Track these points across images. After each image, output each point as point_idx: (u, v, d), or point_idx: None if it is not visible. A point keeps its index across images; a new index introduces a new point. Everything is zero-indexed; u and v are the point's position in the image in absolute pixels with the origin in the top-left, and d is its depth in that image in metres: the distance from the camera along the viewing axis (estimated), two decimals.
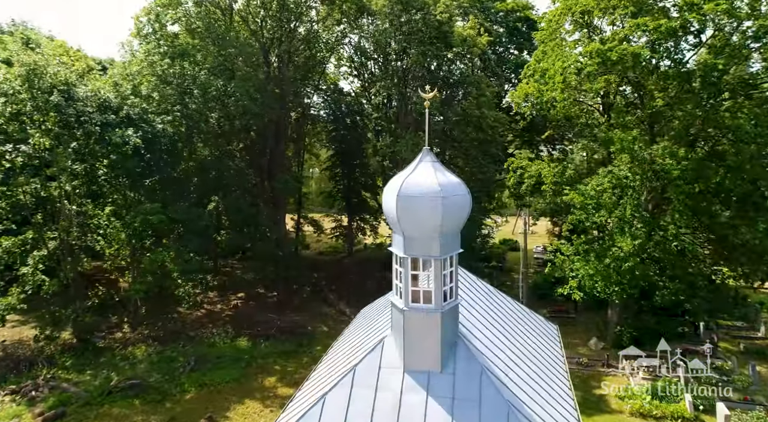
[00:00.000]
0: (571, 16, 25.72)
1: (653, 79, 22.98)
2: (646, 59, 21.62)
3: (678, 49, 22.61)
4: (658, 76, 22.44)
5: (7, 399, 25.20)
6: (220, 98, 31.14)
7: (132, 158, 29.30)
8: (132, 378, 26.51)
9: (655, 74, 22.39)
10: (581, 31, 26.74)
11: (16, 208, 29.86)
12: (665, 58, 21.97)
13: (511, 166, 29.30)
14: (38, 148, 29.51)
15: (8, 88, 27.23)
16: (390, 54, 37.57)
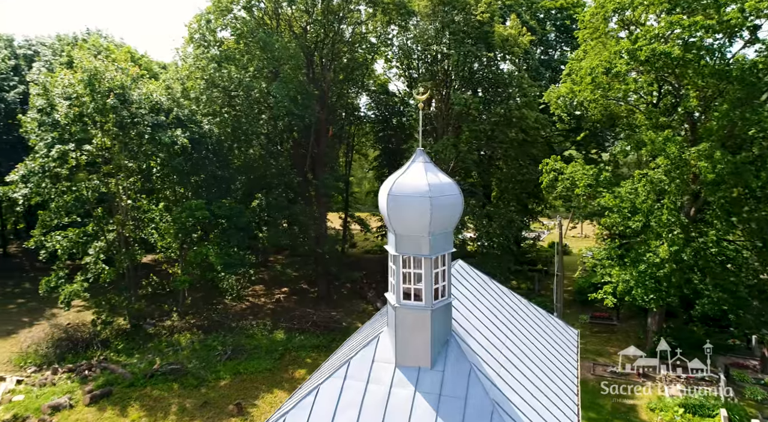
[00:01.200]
0: (605, 14, 24.96)
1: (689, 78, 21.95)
2: (678, 58, 20.69)
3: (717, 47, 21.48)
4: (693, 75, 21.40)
5: (64, 376, 27.59)
6: (263, 100, 32.54)
7: (179, 157, 31.18)
8: (173, 363, 28.29)
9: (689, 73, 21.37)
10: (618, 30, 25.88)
11: (79, 202, 32.40)
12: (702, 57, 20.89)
13: (545, 168, 28.79)
14: (100, 147, 32.05)
15: (72, 91, 29.74)
16: (431, 54, 37.77)
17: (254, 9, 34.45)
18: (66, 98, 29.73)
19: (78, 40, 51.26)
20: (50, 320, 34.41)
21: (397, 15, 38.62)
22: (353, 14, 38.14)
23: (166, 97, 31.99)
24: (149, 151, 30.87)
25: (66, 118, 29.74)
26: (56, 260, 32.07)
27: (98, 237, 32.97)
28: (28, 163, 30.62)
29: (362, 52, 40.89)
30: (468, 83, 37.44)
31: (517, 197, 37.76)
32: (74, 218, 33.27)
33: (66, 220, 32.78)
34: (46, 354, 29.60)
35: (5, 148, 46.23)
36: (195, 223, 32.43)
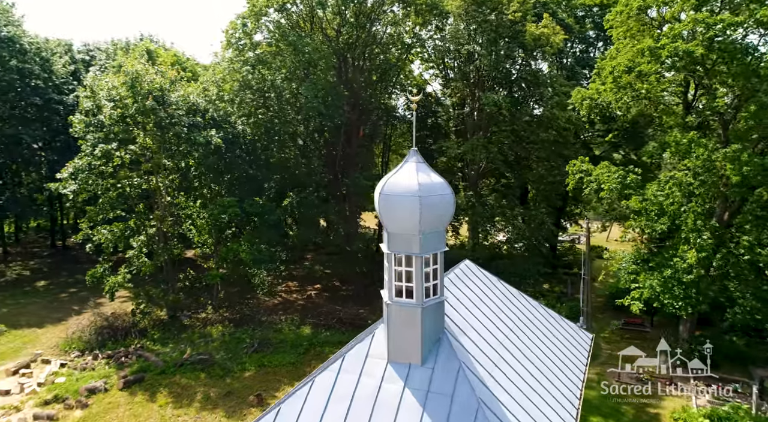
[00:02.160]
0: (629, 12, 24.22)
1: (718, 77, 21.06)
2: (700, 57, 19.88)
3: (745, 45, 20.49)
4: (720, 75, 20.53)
5: (103, 362, 29.35)
6: (294, 101, 33.47)
7: (213, 156, 32.50)
8: (202, 353, 29.58)
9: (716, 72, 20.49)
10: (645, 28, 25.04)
11: (122, 199, 34.30)
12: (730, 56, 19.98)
13: (572, 169, 28.24)
14: (143, 146, 33.82)
15: (115, 94, 31.55)
16: (463, 54, 37.71)
17: (287, 12, 35.37)
18: (110, 100, 31.55)
19: (130, 44, 54.05)
20: (96, 309, 36.54)
21: (431, 16, 38.80)
22: (386, 15, 38.55)
23: (202, 98, 33.41)
24: (185, 150, 32.32)
25: (109, 119, 31.56)
26: (102, 253, 34.13)
27: (140, 232, 34.78)
28: (76, 161, 32.69)
29: (395, 53, 41.28)
30: (500, 83, 37.16)
31: (548, 199, 37.12)
32: (119, 213, 35.19)
33: (111, 215, 34.76)
34: (88, 340, 31.53)
35: (63, 147, 49.36)
36: (229, 220, 33.76)
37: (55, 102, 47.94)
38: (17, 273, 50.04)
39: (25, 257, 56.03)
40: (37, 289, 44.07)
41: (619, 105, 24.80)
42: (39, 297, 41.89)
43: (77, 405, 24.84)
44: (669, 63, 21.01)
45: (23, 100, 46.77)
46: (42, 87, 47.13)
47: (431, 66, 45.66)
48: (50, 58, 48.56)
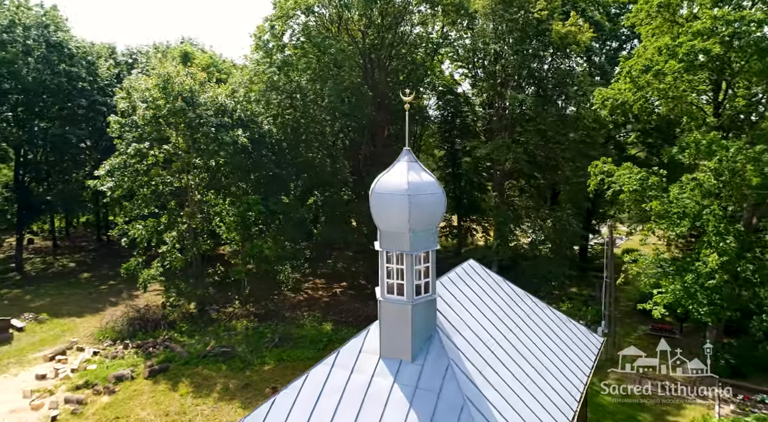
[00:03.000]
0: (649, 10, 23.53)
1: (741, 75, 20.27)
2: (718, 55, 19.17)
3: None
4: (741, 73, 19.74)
5: (132, 351, 30.75)
6: (317, 101, 34.14)
7: (240, 155, 33.50)
8: (224, 346, 30.58)
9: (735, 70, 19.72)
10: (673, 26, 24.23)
11: (155, 196, 35.77)
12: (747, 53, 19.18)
13: (593, 171, 27.70)
14: (175, 146, 35.19)
15: (148, 95, 32.96)
16: (490, 54, 37.50)
17: (314, 14, 36.07)
18: (143, 101, 32.99)
19: (170, 48, 56.13)
20: (129, 301, 38.27)
21: (457, 15, 38.75)
22: (412, 16, 38.74)
23: (230, 99, 34.48)
24: (213, 149, 33.43)
25: (142, 119, 33.01)
26: (136, 247, 35.75)
27: (172, 228, 36.19)
28: (112, 159, 34.33)
29: (422, 53, 41.41)
30: (526, 82, 36.78)
31: (574, 200, 36.46)
32: (153, 210, 36.74)
33: (146, 211, 36.33)
34: (120, 330, 33.08)
35: (108, 146, 51.73)
36: (257, 218, 34.73)
37: (99, 103, 50.30)
38: (63, 265, 52.83)
39: (72, 250, 58.97)
40: (80, 281, 46.42)
41: (638, 105, 24.17)
42: (81, 288, 44.12)
43: (105, 391, 26.16)
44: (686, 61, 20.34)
45: (71, 101, 49.28)
46: (88, 89, 49.54)
47: (461, 65, 45.55)
48: (95, 62, 50.98)
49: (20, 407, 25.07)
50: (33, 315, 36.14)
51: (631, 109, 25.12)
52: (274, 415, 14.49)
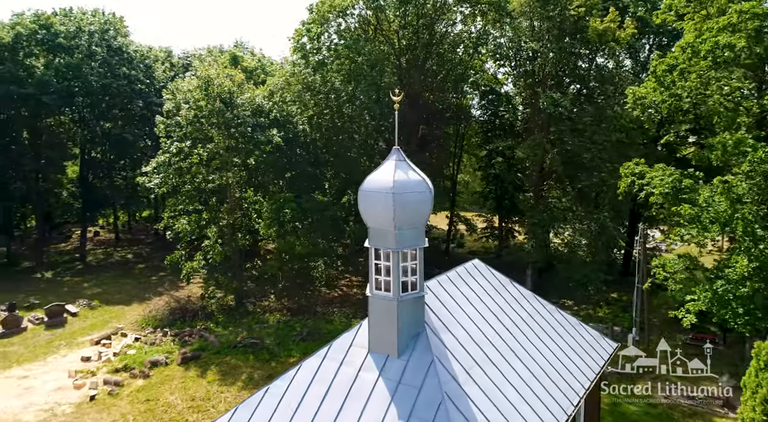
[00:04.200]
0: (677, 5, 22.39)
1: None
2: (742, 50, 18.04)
3: None
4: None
5: (169, 339, 32.49)
6: (351, 102, 34.81)
7: (274, 154, 34.66)
8: (254, 337, 31.75)
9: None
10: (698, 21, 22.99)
11: (197, 192, 37.58)
12: None
13: (624, 172, 26.72)
14: (218, 145, 36.83)
15: (191, 96, 34.69)
16: (526, 52, 36.92)
17: (349, 16, 36.75)
18: (185, 102, 34.75)
19: (222, 51, 58.59)
20: (175, 292, 40.37)
21: (495, 14, 38.37)
22: (448, 16, 38.68)
23: (267, 100, 35.73)
24: (249, 148, 34.75)
25: (185, 119, 34.77)
26: (180, 241, 37.75)
27: (213, 224, 37.90)
28: (158, 157, 36.38)
29: (460, 53, 41.27)
30: (562, 81, 35.95)
31: (613, 203, 35.20)
32: (196, 206, 38.62)
33: (190, 207, 38.26)
34: (161, 319, 35.03)
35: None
36: (293, 215, 35.79)
37: (155, 105, 53.19)
38: (122, 256, 56.31)
39: (131, 243, 62.63)
40: (134, 271, 49.35)
41: (666, 105, 23.11)
42: (134, 278, 46.92)
43: (140, 375, 27.86)
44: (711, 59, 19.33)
45: (130, 103, 52.48)
46: (145, 91, 52.57)
47: (501, 64, 45.02)
48: (152, 65, 53.99)
49: (64, 385, 27.14)
50: (86, 302, 38.84)
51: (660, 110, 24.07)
52: (267, 402, 15.14)
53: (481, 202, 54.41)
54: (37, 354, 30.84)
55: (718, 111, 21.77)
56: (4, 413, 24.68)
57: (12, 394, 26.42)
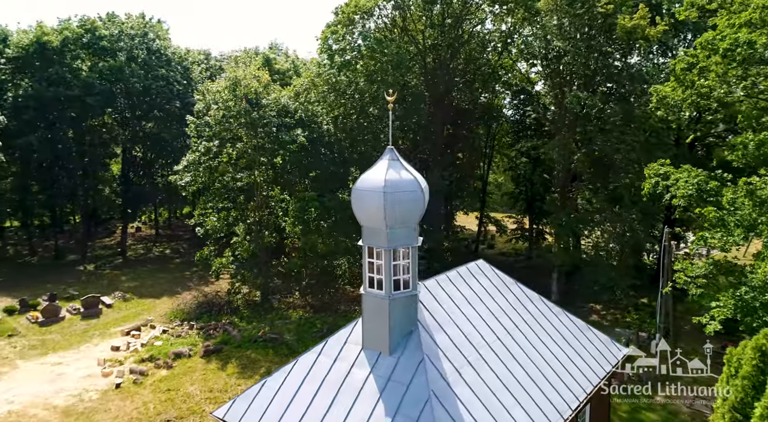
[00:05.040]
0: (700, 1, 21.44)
1: None
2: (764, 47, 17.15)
3: None
4: None
5: (194, 332, 33.56)
6: (375, 101, 35.06)
7: (298, 153, 35.27)
8: (275, 333, 32.42)
9: None
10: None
11: (226, 190, 38.62)
12: None
13: (648, 173, 25.89)
14: (247, 144, 37.77)
15: (219, 97, 35.71)
16: (553, 51, 36.25)
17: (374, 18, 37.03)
18: (214, 103, 35.80)
19: (258, 53, 59.94)
20: (205, 286, 41.62)
21: (524, 12, 37.89)
22: (475, 15, 38.40)
23: (292, 100, 36.40)
24: (273, 148, 35.48)
25: (214, 119, 35.81)
26: (209, 237, 38.90)
27: (241, 221, 38.90)
28: (188, 156, 37.61)
29: (489, 52, 40.95)
30: (590, 80, 35.13)
31: (641, 205, 34.13)
32: (226, 204, 39.71)
33: (219, 205, 39.38)
34: (189, 312, 36.21)
35: None
36: (317, 214, 36.33)
37: (192, 105, 54.76)
38: (160, 251, 58.36)
39: (170, 239, 64.82)
40: (169, 266, 51.16)
41: (687, 104, 22.25)
42: (169, 273, 48.62)
43: (164, 366, 28.92)
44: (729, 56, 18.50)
45: (168, 103, 54.36)
46: (182, 92, 54.35)
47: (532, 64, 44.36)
48: (189, 67, 55.77)
49: (93, 373, 28.47)
50: (121, 294, 40.53)
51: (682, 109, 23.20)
52: (263, 395, 15.56)
53: (512, 203, 53.72)
54: (71, 343, 32.45)
55: (739, 110, 20.84)
56: (36, 397, 26.12)
57: (46, 379, 27.92)
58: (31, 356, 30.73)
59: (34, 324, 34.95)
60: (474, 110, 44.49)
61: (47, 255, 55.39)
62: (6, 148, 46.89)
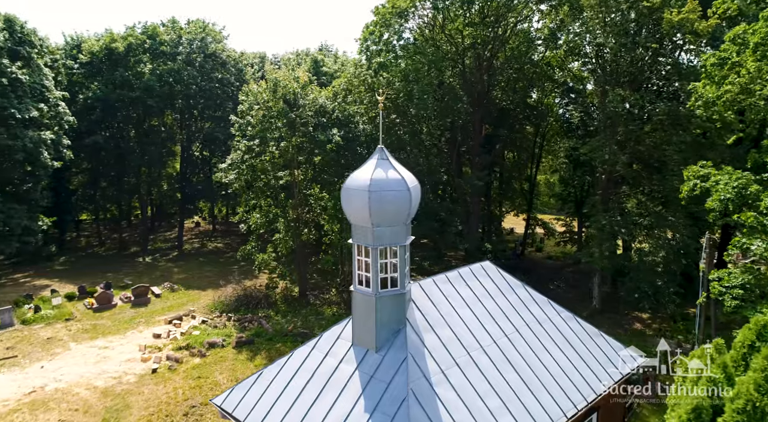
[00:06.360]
0: None
1: None
2: None
3: None
4: None
5: (231, 324, 34.89)
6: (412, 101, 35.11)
7: (336, 152, 35.90)
8: (304, 328, 33.17)
9: None
10: None
11: (267, 188, 39.85)
12: None
13: (687, 174, 24.41)
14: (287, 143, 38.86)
15: (260, 98, 36.93)
16: (595, 48, 34.89)
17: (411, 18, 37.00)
18: (256, 103, 37.05)
19: (309, 54, 61.35)
20: (249, 280, 43.15)
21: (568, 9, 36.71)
22: (521, 10, 37.55)
23: (329, 101, 37.07)
24: (310, 147, 36.28)
25: (255, 119, 37.08)
26: (252, 233, 40.33)
27: (281, 218, 40.06)
28: (232, 155, 39.13)
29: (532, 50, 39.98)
30: (636, 77, 33.54)
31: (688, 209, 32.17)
32: (268, 201, 41.00)
33: (262, 202, 40.71)
34: (228, 304, 37.68)
35: None
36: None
37: None
38: (214, 246, 61.00)
39: (225, 234, 67.59)
40: (219, 260, 53.38)
41: (721, 103, 20.75)
42: (217, 266, 50.79)
43: (198, 354, 30.31)
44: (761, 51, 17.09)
45: (222, 104, 56.74)
46: (236, 93, 56.47)
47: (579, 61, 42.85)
48: (243, 69, 57.92)
49: (134, 358, 30.28)
50: (170, 285, 42.76)
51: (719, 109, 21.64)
52: (258, 385, 16.10)
53: (560, 204, 52.11)
54: (119, 329, 34.63)
55: None
56: (81, 377, 28.13)
57: (91, 361, 29.99)
58: (83, 339, 33.07)
59: (89, 310, 37.59)
60: (516, 109, 43.54)
61: (113, 247, 59.31)
62: (76, 147, 50.65)
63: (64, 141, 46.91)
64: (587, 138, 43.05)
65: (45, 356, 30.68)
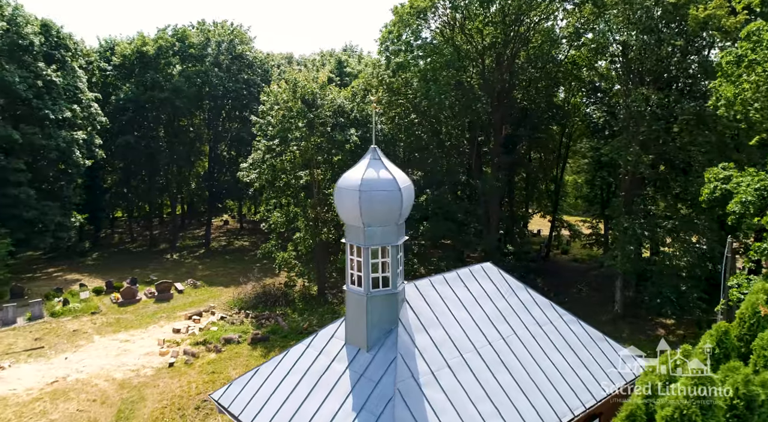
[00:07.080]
0: None
1: None
2: None
3: None
4: None
5: (248, 320, 35.46)
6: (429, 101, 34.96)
7: (355, 152, 36.08)
8: (318, 325, 33.40)
9: None
10: None
11: (287, 187, 40.34)
12: None
13: (708, 176, 23.58)
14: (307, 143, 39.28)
15: (280, 98, 37.41)
16: (619, 45, 34.05)
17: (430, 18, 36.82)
18: (276, 104, 37.56)
19: (333, 55, 61.83)
20: (269, 278, 43.79)
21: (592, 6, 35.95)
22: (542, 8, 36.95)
23: (348, 101, 37.28)
24: (328, 147, 36.55)
25: (275, 119, 37.59)
26: (273, 232, 40.91)
27: (301, 217, 40.49)
28: (253, 154, 39.77)
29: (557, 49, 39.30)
30: (660, 76, 32.59)
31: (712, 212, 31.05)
32: (289, 200, 41.51)
33: (282, 202, 41.26)
34: (247, 301, 38.30)
35: None
36: None
37: None
38: (240, 244, 62.08)
39: (252, 232, 68.62)
40: (244, 258, 54.29)
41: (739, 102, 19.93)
42: (241, 263, 51.66)
43: (214, 350, 30.92)
44: None
45: (248, 105, 57.72)
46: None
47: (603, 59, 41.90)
48: (269, 70, 58.78)
49: (152, 351, 31.10)
50: (193, 281, 43.75)
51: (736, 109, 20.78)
52: (255, 381, 16.35)
53: (586, 206, 51.04)
54: (141, 323, 35.62)
55: None
56: (101, 369, 29.07)
57: (113, 354, 30.95)
58: (106, 332, 34.16)
59: (114, 304, 38.80)
60: (538, 109, 42.86)
61: (144, 244, 61.02)
62: (109, 146, 52.36)
63: (96, 140, 48.55)
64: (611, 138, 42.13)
65: (70, 348, 31.81)
